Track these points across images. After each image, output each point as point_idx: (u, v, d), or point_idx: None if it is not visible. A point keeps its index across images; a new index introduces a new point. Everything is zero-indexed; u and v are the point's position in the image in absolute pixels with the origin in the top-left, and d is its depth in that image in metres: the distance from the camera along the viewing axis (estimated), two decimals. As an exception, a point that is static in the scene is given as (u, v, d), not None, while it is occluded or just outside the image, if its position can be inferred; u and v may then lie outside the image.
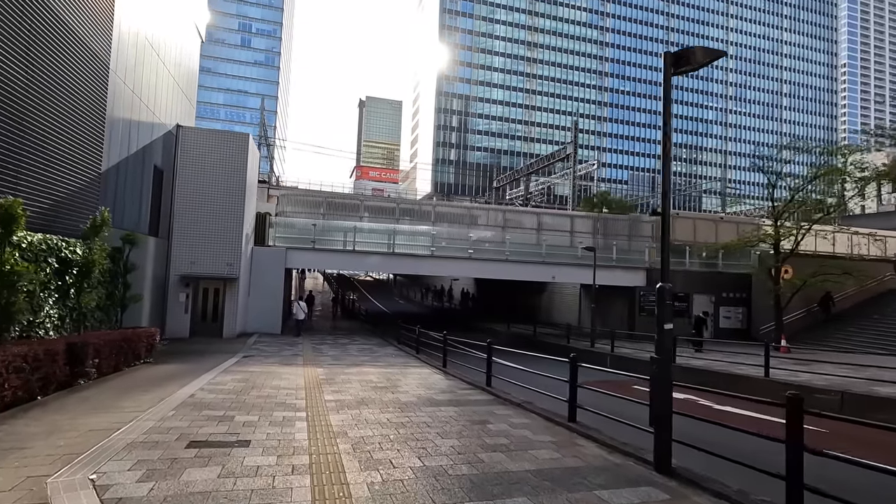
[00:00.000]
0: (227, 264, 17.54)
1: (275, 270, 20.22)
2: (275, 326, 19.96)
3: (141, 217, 14.10)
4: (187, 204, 17.26)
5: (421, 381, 10.09)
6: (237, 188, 17.79)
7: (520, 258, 22.79)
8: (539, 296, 31.89)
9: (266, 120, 49.92)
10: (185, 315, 17.13)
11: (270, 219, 21.19)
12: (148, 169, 14.51)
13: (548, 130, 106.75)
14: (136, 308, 14.06)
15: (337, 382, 9.58)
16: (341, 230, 21.92)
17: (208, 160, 17.55)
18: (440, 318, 31.70)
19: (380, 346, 17.76)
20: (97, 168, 11.03)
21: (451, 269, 22.37)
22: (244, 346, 15.42)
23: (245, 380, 9.33)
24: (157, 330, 11.88)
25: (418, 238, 22.49)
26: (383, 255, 21.72)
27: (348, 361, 13.22)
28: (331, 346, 16.80)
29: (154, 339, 11.64)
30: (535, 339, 22.85)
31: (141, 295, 11.70)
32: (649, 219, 28.76)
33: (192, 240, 17.25)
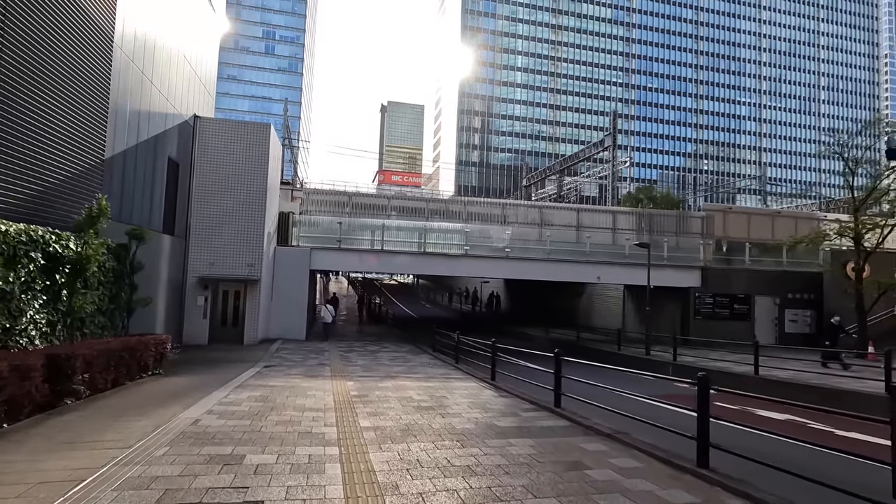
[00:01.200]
0: (247, 265, 16.22)
1: (299, 272, 18.85)
2: (299, 332, 18.57)
3: (153, 213, 12.84)
4: (205, 200, 16.02)
5: (472, 400, 8.39)
6: (258, 183, 16.48)
7: (561, 257, 20.92)
8: (577, 298, 29.86)
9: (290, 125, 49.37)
10: (204, 320, 15.85)
11: (294, 217, 19.88)
12: (161, 161, 13.27)
13: (574, 130, 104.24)
14: (148, 313, 12.79)
15: (372, 401, 7.97)
16: (368, 228, 20.46)
17: (227, 153, 16.29)
18: (470, 322, 29.99)
19: (413, 353, 16.15)
20: (99, 153, 9.73)
21: (485, 269, 20.69)
22: (266, 355, 14.00)
23: (264, 398, 7.80)
24: (168, 337, 10.51)
25: (450, 236, 20.86)
26: (413, 255, 20.15)
27: (381, 372, 11.62)
28: (360, 354, 15.26)
29: (165, 348, 10.26)
30: (580, 344, 20.90)
31: (150, 298, 10.40)
32: (699, 214, 26.53)
33: (211, 239, 15.99)
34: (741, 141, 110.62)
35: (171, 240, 14.39)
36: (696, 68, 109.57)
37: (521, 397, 8.66)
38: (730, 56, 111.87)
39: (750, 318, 21.55)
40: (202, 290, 15.89)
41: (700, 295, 21.33)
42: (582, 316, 28.94)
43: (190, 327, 15.66)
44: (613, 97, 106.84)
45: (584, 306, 29.28)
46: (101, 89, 9.72)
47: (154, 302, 13.16)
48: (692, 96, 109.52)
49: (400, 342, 19.63)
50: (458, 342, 13.52)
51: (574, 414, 7.12)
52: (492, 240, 21.33)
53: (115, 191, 10.56)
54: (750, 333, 21.45)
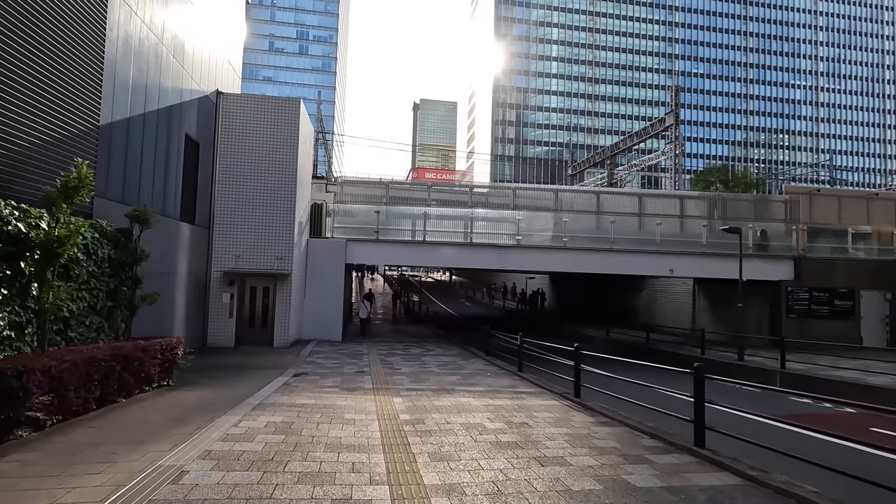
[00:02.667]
0: (277, 258, 14.46)
1: (333, 266, 17.01)
2: (334, 332, 16.73)
3: (168, 197, 11.15)
4: (230, 185, 14.34)
5: (566, 430, 6.14)
6: (288, 165, 14.69)
7: (626, 247, 18.31)
8: (635, 294, 27.01)
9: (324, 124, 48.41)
10: (230, 320, 14.18)
11: (328, 206, 18.06)
12: (177, 138, 11.58)
13: (613, 120, 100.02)
14: (165, 313, 11.12)
15: (431, 430, 5.84)
16: (408, 217, 18.43)
17: (254, 132, 14.56)
18: (516, 321, 27.62)
19: (463, 357, 14.00)
20: (90, 117, 7.99)
21: (539, 261, 18.34)
22: (297, 360, 12.14)
23: (287, 427, 5.79)
24: (179, 340, 8.72)
25: (499, 226, 18.59)
26: (458, 246, 17.98)
27: (433, 383, 9.51)
28: (403, 359, 13.23)
29: (175, 354, 8.47)
30: (651, 347, 18.27)
31: (157, 293, 8.67)
32: (781, 197, 23.29)
33: (237, 228, 14.30)
34: (796, 127, 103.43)
35: (192, 229, 12.73)
36: (745, 51, 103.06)
37: (630, 424, 6.35)
38: (782, 36, 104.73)
39: (854, 317, 18.34)
40: (227, 287, 14.22)
41: (793, 289, 18.27)
42: (642, 314, 26.09)
43: (215, 328, 14.02)
44: (656, 84, 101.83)
45: (644, 303, 26.41)
46: (92, 35, 7.96)
47: (172, 300, 11.51)
48: (741, 81, 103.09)
49: (445, 344, 17.53)
50: (521, 346, 11.25)
51: (734, 461, 4.78)
52: (546, 229, 18.93)
53: (114, 166, 8.83)
54: (854, 334, 18.29)
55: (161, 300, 10.76)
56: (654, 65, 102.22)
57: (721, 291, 21.13)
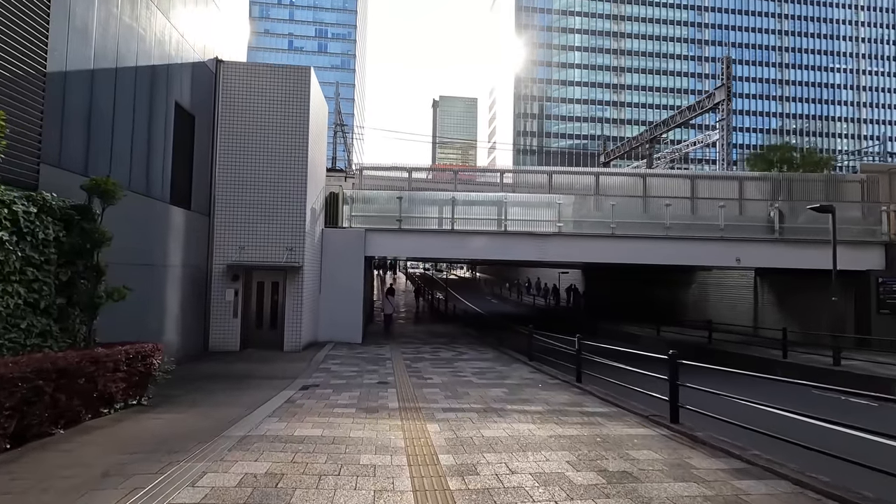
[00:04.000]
0: (287, 249, 12.62)
1: (351, 258, 15.14)
2: (353, 334, 14.85)
3: (153, 176, 9.35)
4: (232, 166, 12.56)
5: (696, 486, 4.01)
6: (297, 142, 12.83)
7: (684, 234, 15.93)
8: (683, 289, 24.46)
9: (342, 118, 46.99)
10: (234, 320, 12.40)
11: (345, 193, 16.19)
12: (163, 105, 9.78)
13: (639, 110, 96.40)
14: (151, 312, 9.35)
15: (491, 490, 3.80)
16: (434, 203, 16.40)
17: (258, 106, 12.75)
18: (551, 319, 25.39)
19: (501, 362, 11.92)
20: (34, 59, 6.19)
21: (584, 251, 16.10)
22: (308, 367, 10.25)
23: (271, 484, 3.81)
24: (156, 347, 6.88)
25: (537, 211, 16.40)
26: (491, 235, 15.89)
27: (474, 400, 7.46)
28: (432, 364, 11.22)
29: (150, 364, 6.64)
30: (716, 348, 15.90)
31: (128, 288, 6.86)
32: (856, 177, 20.45)
33: (241, 216, 12.51)
34: (836, 112, 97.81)
35: (187, 215, 10.95)
36: (779, 34, 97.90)
37: (793, 478, 4.18)
38: (820, 17, 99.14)
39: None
40: (231, 282, 12.44)
41: (885, 280, 15.60)
42: (692, 310, 23.54)
43: (217, 330, 12.25)
44: (685, 72, 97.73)
45: (694, 298, 23.85)
46: (35, -40, 6.15)
47: (160, 297, 9.73)
48: (776, 66, 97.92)
49: (477, 345, 15.47)
50: (580, 351, 9.08)
51: None
52: (591, 215, 16.67)
53: (72, 128, 7.02)
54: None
55: (146, 298, 9.01)
56: (682, 52, 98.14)
57: (789, 284, 18.54)
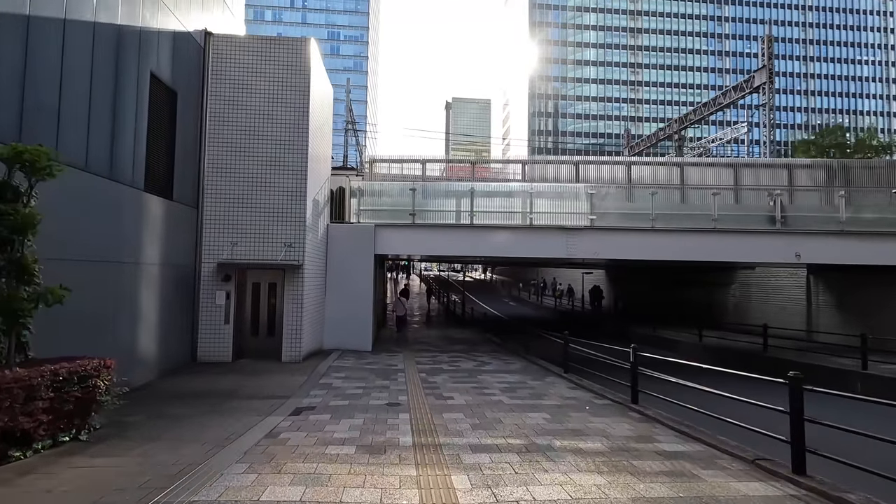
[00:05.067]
0: (285, 245, 11.09)
1: (359, 257, 13.58)
2: (362, 341, 13.28)
3: (119, 156, 7.86)
4: (224, 151, 11.09)
5: None
6: (297, 125, 11.31)
7: (731, 226, 14.05)
8: (721, 290, 22.43)
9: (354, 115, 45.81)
10: (226, 327, 10.89)
11: (352, 185, 14.67)
12: (134, 74, 8.31)
13: (657, 107, 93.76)
14: (122, 319, 7.86)
15: None
16: (452, 195, 14.78)
17: (253, 84, 11.28)
18: (576, 322, 23.57)
19: (530, 373, 10.22)
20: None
21: (620, 246, 14.29)
22: (306, 382, 8.67)
23: None
24: (104, 364, 5.38)
25: (565, 203, 14.65)
26: (515, 230, 14.21)
27: (510, 431, 5.79)
28: (452, 377, 9.56)
29: (93, 387, 5.12)
30: (769, 356, 13.99)
31: (65, 290, 5.33)
32: (922, 163, 18.34)
33: (233, 207, 11.03)
34: (864, 106, 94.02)
35: (168, 206, 9.48)
36: (803, 27, 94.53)
37: None
38: (846, 8, 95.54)
39: None
40: (222, 283, 10.93)
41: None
42: (733, 312, 21.53)
43: (206, 338, 10.76)
44: (704, 67, 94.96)
45: (734, 299, 21.81)
46: None
47: (130, 302, 8.23)
48: (800, 59, 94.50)
49: (501, 353, 13.78)
50: (635, 365, 7.32)
51: None
52: (626, 206, 14.89)
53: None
54: None
55: (111, 302, 7.51)
56: (700, 46, 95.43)
57: (851, 282, 16.49)
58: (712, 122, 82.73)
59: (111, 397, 5.44)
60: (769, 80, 22.62)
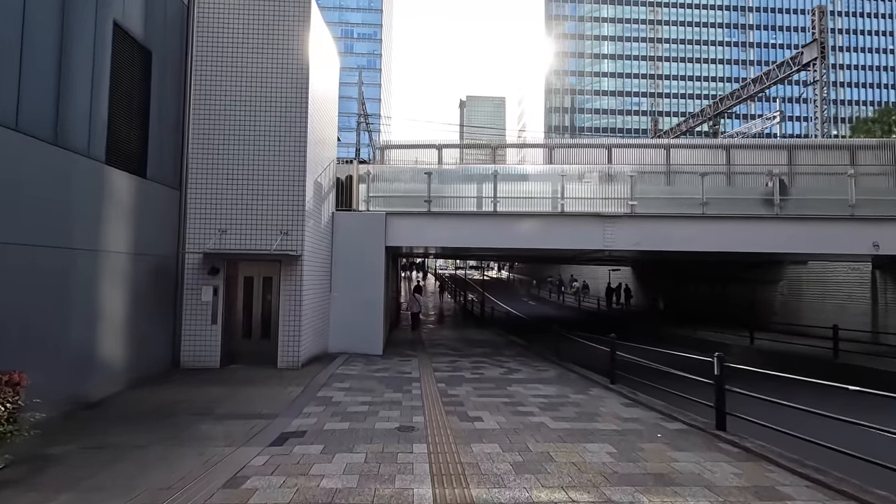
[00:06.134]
0: (280, 233, 9.56)
1: (369, 249, 12.02)
2: (371, 343, 11.70)
3: (68, 118, 6.39)
4: (212, 125, 9.59)
5: None
6: (295, 94, 9.77)
7: (801, 212, 12.13)
8: (768, 286, 20.36)
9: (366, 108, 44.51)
10: (213, 327, 9.38)
11: (359, 170, 13.10)
12: (87, 20, 6.82)
13: (677, 101, 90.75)
14: (74, 318, 6.39)
15: None
16: (472, 180, 13.13)
17: (246, 48, 9.77)
18: (602, 323, 21.74)
19: (570, 384, 8.52)
20: None
21: (665, 235, 12.44)
22: (301, 395, 7.09)
23: None
24: (9, 380, 3.86)
25: (602, 187, 12.88)
26: (545, 217, 12.48)
27: (569, 476, 4.11)
28: (477, 389, 7.90)
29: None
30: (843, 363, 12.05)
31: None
32: None
33: (222, 190, 9.53)
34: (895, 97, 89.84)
35: (140, 185, 7.99)
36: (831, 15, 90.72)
37: None
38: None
39: None
40: (209, 277, 9.44)
41: None
42: (781, 311, 19.47)
43: (190, 340, 9.27)
44: (727, 59, 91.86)
45: (782, 297, 19.73)
46: None
47: (89, 298, 6.75)
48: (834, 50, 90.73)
49: (529, 358, 12.07)
50: (721, 378, 5.59)
51: None
52: (670, 190, 13.08)
53: None
54: None
55: (53, 297, 6.02)
56: (725, 37, 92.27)
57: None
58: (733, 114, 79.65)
59: (12, 429, 3.91)
60: (821, 56, 20.46)
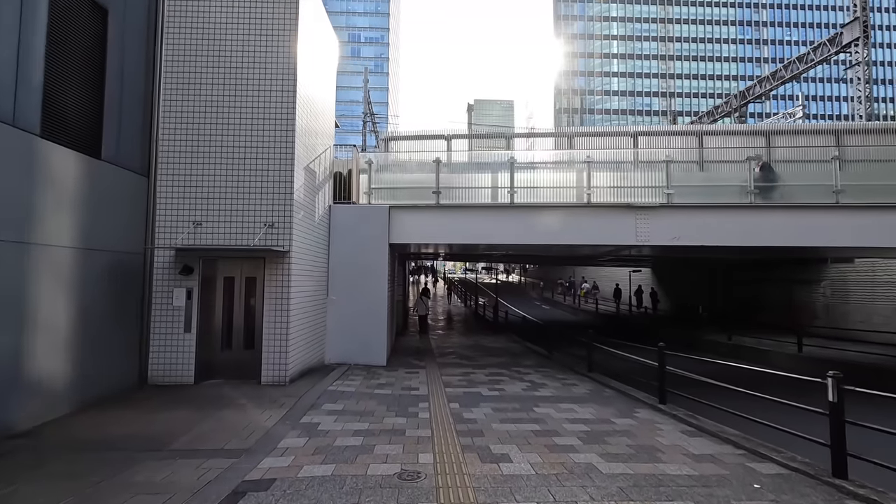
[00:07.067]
0: (265, 225, 8.17)
1: (370, 246, 10.61)
2: (375, 353, 10.27)
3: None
4: (186, 102, 8.25)
5: None
6: (283, 68, 8.41)
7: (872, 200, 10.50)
8: (808, 287, 18.63)
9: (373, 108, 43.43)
10: (187, 336, 8.00)
11: (361, 159, 11.72)
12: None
13: (690, 100, 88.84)
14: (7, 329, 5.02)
15: None
16: (486, 168, 11.67)
17: (226, 14, 8.45)
18: (623, 328, 20.16)
19: (608, 403, 7.00)
20: None
21: (708, 230, 10.82)
22: (280, 422, 5.64)
23: None
24: None
25: (632, 176, 11.38)
26: (568, 209, 10.99)
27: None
28: (499, 411, 6.42)
29: None
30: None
31: None
32: None
33: (198, 176, 8.16)
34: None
35: (94, 168, 6.65)
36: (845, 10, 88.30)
37: None
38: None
39: None
40: (182, 278, 8.06)
41: None
42: (822, 314, 17.73)
43: (160, 352, 7.89)
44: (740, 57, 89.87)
45: (824, 299, 17.99)
46: None
47: (18, 306, 5.39)
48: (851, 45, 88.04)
49: (552, 369, 10.56)
50: (840, 408, 4.09)
51: None
52: (713, 176, 11.53)
53: None
54: None
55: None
56: (739, 35, 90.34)
57: None
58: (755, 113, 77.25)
59: None
60: (863, 36, 18.79)
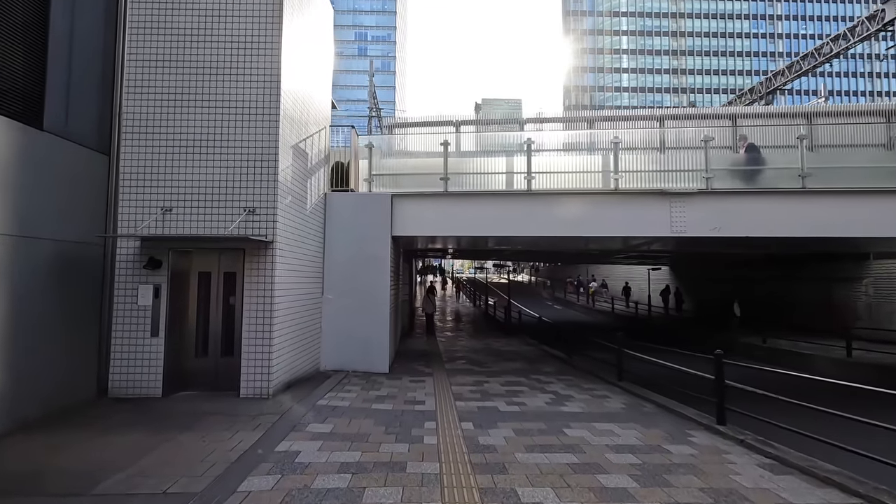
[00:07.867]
0: (244, 210, 7.00)
1: (370, 238, 9.42)
2: (376, 360, 9.08)
3: None
4: (155, 70, 7.11)
5: None
6: (265, 30, 7.25)
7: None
8: (847, 285, 17.17)
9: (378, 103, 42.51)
10: (154, 340, 6.84)
11: (357, 141, 10.53)
12: None
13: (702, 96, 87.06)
14: None
15: None
16: (500, 153, 10.44)
17: (197, -32, 7.30)
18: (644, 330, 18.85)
19: (652, 422, 5.74)
20: None
21: (752, 220, 9.51)
22: (250, 449, 4.44)
23: None
24: None
25: (665, 158, 10.10)
26: (593, 196, 9.72)
27: None
28: (522, 436, 5.19)
29: None
30: None
31: None
32: None
33: (167, 155, 7.02)
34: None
35: (31, 140, 5.52)
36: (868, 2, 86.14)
37: None
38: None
39: None
40: (148, 272, 6.90)
41: None
42: (864, 315, 16.28)
43: (123, 360, 6.74)
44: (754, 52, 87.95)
45: (866, 298, 16.52)
46: None
47: None
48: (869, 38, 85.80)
49: (574, 376, 9.30)
50: None
51: None
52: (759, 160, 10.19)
53: None
54: None
55: None
56: (752, 29, 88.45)
57: None
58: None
59: None
60: None
